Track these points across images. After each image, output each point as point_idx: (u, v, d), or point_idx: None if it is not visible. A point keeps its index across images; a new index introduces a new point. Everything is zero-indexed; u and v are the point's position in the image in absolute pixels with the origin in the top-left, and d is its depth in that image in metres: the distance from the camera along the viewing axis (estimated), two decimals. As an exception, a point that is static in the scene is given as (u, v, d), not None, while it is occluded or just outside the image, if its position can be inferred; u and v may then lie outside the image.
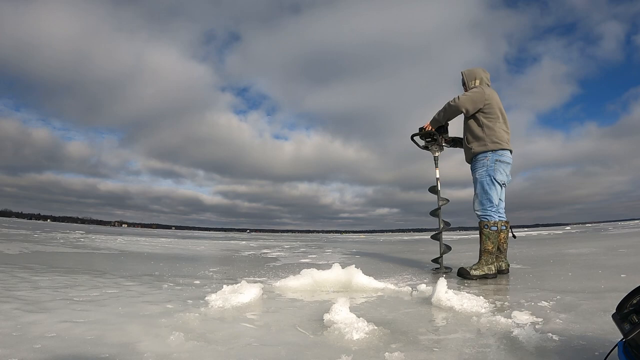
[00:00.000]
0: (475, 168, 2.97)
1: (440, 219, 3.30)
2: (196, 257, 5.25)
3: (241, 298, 1.85)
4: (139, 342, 1.20)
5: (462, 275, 2.86)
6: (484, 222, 2.92)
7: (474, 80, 3.04)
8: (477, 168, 2.96)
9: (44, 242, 6.97)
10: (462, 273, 2.87)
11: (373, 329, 1.36)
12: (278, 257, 5.42)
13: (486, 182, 2.90)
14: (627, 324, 0.90)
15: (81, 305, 1.72)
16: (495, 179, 2.89)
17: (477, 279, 2.80)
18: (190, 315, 1.56)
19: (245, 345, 1.22)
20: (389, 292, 2.27)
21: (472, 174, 3.04)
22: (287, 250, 7.50)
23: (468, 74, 3.10)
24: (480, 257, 2.88)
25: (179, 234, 28.62)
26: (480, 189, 2.93)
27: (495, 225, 2.90)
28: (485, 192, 2.90)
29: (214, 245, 9.40)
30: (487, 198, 2.90)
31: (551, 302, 1.82)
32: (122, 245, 7.43)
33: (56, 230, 15.84)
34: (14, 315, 1.49)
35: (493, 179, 2.89)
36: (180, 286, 2.37)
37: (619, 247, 5.45)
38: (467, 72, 3.11)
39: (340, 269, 2.47)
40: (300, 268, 2.65)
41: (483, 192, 2.91)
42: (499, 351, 1.16)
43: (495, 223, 2.90)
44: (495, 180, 2.89)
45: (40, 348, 1.13)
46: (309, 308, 1.79)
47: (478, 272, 2.82)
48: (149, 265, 3.80)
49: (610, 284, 2.32)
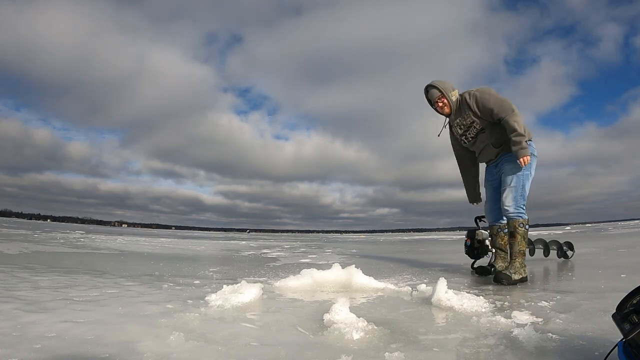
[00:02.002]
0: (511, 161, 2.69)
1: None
2: (196, 257, 5.25)
3: (241, 298, 1.85)
4: (139, 342, 1.20)
5: (500, 281, 2.54)
6: (519, 220, 2.68)
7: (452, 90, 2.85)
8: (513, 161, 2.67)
9: (44, 242, 6.97)
10: (502, 277, 2.55)
11: (373, 329, 1.36)
12: (278, 257, 5.42)
13: (526, 177, 2.68)
14: (627, 324, 0.90)
15: (81, 305, 1.72)
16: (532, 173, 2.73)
17: (517, 283, 2.56)
18: (190, 315, 1.56)
19: (245, 345, 1.22)
20: (389, 292, 2.27)
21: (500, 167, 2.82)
22: (287, 250, 7.50)
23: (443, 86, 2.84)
24: (514, 259, 2.65)
25: (179, 234, 28.63)
26: (519, 183, 2.67)
27: (528, 224, 2.72)
28: (524, 188, 2.68)
29: (214, 245, 9.40)
30: (523, 195, 2.69)
31: (551, 302, 1.82)
32: (122, 245, 7.43)
33: (56, 230, 15.84)
34: (14, 315, 1.49)
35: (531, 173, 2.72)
36: (180, 286, 2.37)
37: (619, 247, 5.45)
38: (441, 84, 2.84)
39: (340, 269, 2.47)
40: (300, 268, 2.65)
41: (522, 188, 2.68)
42: (499, 351, 1.16)
43: (528, 222, 2.72)
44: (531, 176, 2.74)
45: (40, 348, 1.13)
46: (309, 308, 1.79)
47: (518, 276, 2.58)
48: (149, 265, 3.80)
49: (610, 284, 2.32)
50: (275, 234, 53.50)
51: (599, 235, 10.99)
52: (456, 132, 2.93)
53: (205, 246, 8.54)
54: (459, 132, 2.89)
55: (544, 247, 4.26)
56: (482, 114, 2.70)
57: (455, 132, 2.94)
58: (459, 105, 2.81)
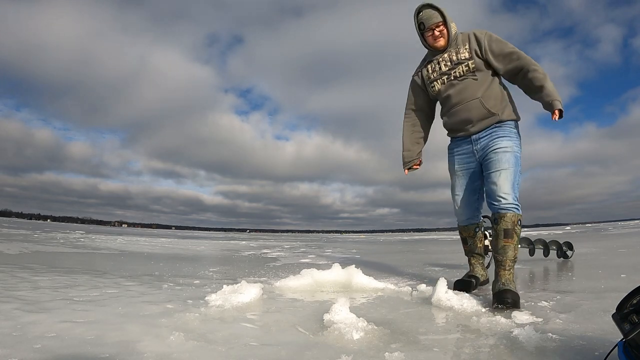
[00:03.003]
0: (505, 135, 2.03)
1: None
2: (196, 257, 5.25)
3: (241, 298, 1.85)
4: (139, 342, 1.20)
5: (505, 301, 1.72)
6: (518, 215, 1.95)
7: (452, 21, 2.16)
8: (509, 136, 2.04)
9: (44, 242, 6.97)
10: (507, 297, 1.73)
11: (373, 329, 1.36)
12: (278, 257, 5.42)
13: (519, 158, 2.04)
14: (627, 324, 0.90)
15: (81, 305, 1.72)
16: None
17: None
18: (190, 315, 1.56)
19: (245, 345, 1.21)
20: (389, 292, 2.27)
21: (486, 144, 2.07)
22: (287, 250, 7.50)
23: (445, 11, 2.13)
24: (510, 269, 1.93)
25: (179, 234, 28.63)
26: (517, 166, 2.00)
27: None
28: (519, 171, 2.01)
29: (214, 245, 9.40)
30: (519, 183, 2.01)
31: (551, 302, 1.82)
32: (122, 245, 7.43)
33: (56, 230, 15.84)
34: (14, 315, 1.49)
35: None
36: (180, 286, 2.37)
37: (619, 247, 5.45)
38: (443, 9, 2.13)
39: (340, 269, 2.47)
40: (300, 268, 2.65)
41: (518, 170, 2.00)
42: (499, 351, 1.16)
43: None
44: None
45: (40, 348, 1.12)
46: (309, 308, 1.79)
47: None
48: (149, 265, 3.80)
49: (610, 284, 2.33)
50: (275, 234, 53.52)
51: (599, 235, 11.00)
52: (433, 70, 2.17)
53: (205, 246, 8.54)
54: (440, 70, 2.14)
55: (543, 247, 4.27)
56: (493, 56, 2.03)
57: (431, 72, 2.18)
58: (455, 41, 2.12)
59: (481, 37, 2.08)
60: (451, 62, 2.12)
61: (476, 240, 2.36)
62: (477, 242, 2.36)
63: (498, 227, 1.97)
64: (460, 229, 2.39)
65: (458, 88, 2.11)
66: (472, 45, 2.09)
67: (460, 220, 2.35)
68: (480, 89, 2.07)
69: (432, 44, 2.15)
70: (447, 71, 2.14)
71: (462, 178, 2.25)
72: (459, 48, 2.12)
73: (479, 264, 2.39)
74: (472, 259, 2.40)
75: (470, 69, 2.08)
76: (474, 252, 2.38)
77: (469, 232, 2.35)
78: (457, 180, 2.27)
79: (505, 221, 1.95)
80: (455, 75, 2.11)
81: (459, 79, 2.10)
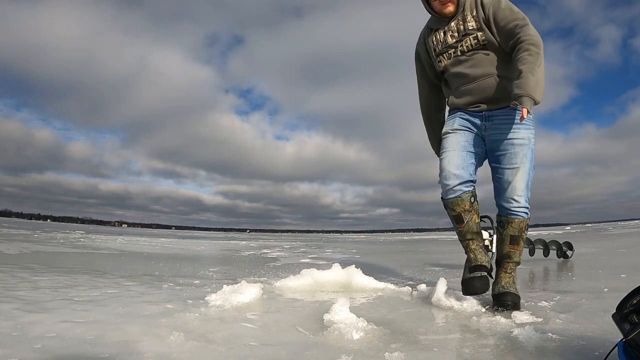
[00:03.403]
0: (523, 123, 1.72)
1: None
2: (196, 257, 5.25)
3: (241, 298, 1.85)
4: (139, 342, 1.20)
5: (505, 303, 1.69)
6: (527, 220, 1.79)
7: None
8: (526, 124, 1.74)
9: (44, 242, 6.97)
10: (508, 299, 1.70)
11: (373, 329, 1.36)
12: (278, 257, 5.42)
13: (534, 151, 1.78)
14: (627, 324, 0.90)
15: (81, 305, 1.72)
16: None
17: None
18: (190, 315, 1.56)
19: (245, 345, 1.21)
20: (389, 292, 2.27)
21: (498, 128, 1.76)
22: (287, 250, 7.50)
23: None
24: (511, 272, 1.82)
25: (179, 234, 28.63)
26: (530, 159, 1.74)
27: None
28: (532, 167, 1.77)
29: (214, 245, 9.41)
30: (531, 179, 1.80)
31: (551, 302, 1.82)
32: (122, 245, 7.43)
33: (56, 230, 15.84)
34: (14, 315, 1.49)
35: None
36: (180, 286, 2.37)
37: (619, 247, 5.45)
38: None
39: (340, 269, 2.47)
40: (300, 268, 2.65)
41: (532, 167, 1.76)
42: (499, 351, 1.16)
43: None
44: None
45: (40, 348, 1.12)
46: (309, 308, 1.79)
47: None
48: (149, 265, 3.80)
49: (610, 284, 2.32)
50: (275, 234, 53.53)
51: (599, 235, 11.01)
52: (438, 42, 1.85)
53: (205, 246, 8.54)
54: (448, 42, 1.81)
55: (543, 247, 4.27)
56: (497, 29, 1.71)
57: (436, 43, 1.86)
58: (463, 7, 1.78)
59: (487, 3, 1.72)
60: (458, 32, 1.79)
61: (473, 214, 1.80)
62: (475, 217, 1.81)
63: (505, 231, 1.80)
64: (452, 202, 1.78)
65: (468, 64, 1.77)
66: (479, 12, 1.74)
67: (450, 187, 1.76)
68: (495, 65, 1.74)
69: (440, 10, 1.79)
70: (453, 44, 1.80)
71: (461, 136, 1.82)
72: (466, 15, 1.76)
73: (480, 247, 1.83)
74: (472, 243, 1.81)
75: (480, 42, 1.74)
76: (472, 231, 1.80)
77: (464, 204, 1.77)
78: (454, 137, 1.82)
79: (513, 227, 1.78)
80: (462, 50, 1.78)
81: (467, 54, 1.77)
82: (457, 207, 1.79)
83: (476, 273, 1.74)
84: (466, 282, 1.74)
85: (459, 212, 1.79)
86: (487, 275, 1.76)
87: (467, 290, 1.73)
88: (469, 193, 1.79)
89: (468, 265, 1.82)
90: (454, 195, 1.78)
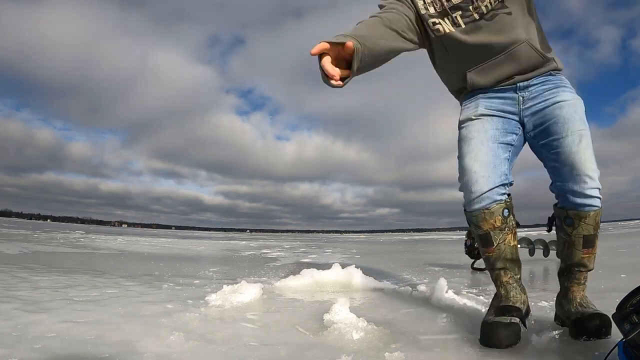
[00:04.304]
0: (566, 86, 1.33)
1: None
2: (196, 257, 5.25)
3: (241, 298, 1.85)
4: (139, 342, 1.20)
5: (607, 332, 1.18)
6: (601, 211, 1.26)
7: None
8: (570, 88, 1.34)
9: (44, 242, 6.97)
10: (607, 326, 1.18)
11: (373, 329, 1.36)
12: (278, 257, 5.42)
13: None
14: (627, 324, 0.90)
15: (81, 305, 1.72)
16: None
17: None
18: (190, 315, 1.56)
19: (245, 345, 1.21)
20: (389, 292, 2.27)
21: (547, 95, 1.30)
22: (287, 250, 7.50)
23: None
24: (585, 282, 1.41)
25: (179, 234, 28.63)
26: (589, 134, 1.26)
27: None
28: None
29: (214, 245, 9.41)
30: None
31: (551, 302, 1.82)
32: (122, 245, 7.43)
33: (56, 230, 15.85)
34: (14, 315, 1.49)
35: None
36: (180, 286, 2.37)
37: (619, 247, 5.45)
38: None
39: (340, 269, 2.47)
40: (300, 268, 2.65)
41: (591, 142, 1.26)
42: (499, 351, 1.16)
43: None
44: None
45: (40, 348, 1.12)
46: (309, 308, 1.79)
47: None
48: (149, 265, 3.80)
49: (610, 284, 2.32)
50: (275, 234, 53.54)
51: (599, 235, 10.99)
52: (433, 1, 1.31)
53: (205, 246, 8.54)
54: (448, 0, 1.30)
55: (543, 247, 4.27)
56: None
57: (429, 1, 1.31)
58: None
59: None
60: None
61: (507, 234, 1.32)
62: (509, 238, 1.33)
63: (575, 231, 1.27)
64: (477, 216, 1.30)
65: (490, 30, 1.28)
66: None
67: (476, 196, 1.27)
68: (521, 26, 1.28)
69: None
70: (461, 4, 1.28)
71: (490, 122, 1.34)
72: None
73: (516, 281, 1.36)
74: (505, 274, 1.35)
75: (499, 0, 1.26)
76: (505, 258, 1.33)
77: (493, 219, 1.29)
78: (479, 124, 1.34)
79: (588, 223, 1.25)
80: (480, 11, 1.27)
81: (486, 17, 1.27)
82: (484, 224, 1.30)
83: (504, 318, 1.22)
84: (489, 327, 1.20)
85: (486, 230, 1.31)
86: (519, 323, 1.21)
87: (489, 340, 1.18)
88: (501, 203, 1.29)
89: (495, 304, 1.33)
90: (480, 205, 1.29)
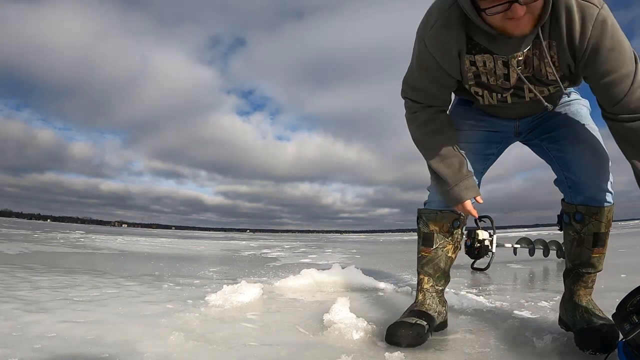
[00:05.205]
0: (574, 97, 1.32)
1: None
2: (196, 257, 5.25)
3: (241, 298, 1.84)
4: (139, 342, 1.20)
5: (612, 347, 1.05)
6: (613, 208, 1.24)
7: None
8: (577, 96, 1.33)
9: (44, 242, 6.97)
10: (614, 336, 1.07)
11: (373, 329, 1.36)
12: (278, 257, 5.42)
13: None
14: (627, 324, 0.90)
15: (81, 305, 1.72)
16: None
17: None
18: (190, 316, 1.56)
19: (245, 345, 1.21)
20: (389, 292, 2.27)
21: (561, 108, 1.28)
22: (287, 250, 7.50)
23: None
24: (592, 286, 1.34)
25: (179, 234, 28.64)
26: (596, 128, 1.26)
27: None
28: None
29: (214, 245, 9.41)
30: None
31: (551, 302, 1.82)
32: (122, 245, 7.43)
33: (56, 230, 15.85)
34: (14, 315, 1.49)
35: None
36: (180, 286, 2.37)
37: (619, 247, 5.44)
38: None
39: (340, 269, 2.47)
40: (300, 268, 2.65)
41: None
42: (499, 351, 1.16)
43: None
44: None
45: (40, 348, 1.12)
46: (309, 308, 1.79)
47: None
48: (149, 265, 3.80)
49: (610, 284, 2.32)
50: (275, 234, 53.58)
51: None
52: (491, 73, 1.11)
53: (205, 246, 8.54)
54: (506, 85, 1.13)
55: (543, 247, 4.27)
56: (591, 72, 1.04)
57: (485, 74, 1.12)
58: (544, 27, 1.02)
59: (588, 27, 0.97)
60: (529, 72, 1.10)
61: (449, 244, 1.35)
62: (449, 248, 1.35)
63: (585, 228, 1.22)
64: (429, 214, 1.35)
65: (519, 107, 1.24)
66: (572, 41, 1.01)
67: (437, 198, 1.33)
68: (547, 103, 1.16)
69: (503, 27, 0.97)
70: (513, 88, 1.14)
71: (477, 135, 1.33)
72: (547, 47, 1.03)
73: (436, 291, 1.37)
74: (427, 281, 1.36)
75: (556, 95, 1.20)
76: (437, 265, 1.35)
77: (442, 223, 1.34)
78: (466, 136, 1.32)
79: (598, 219, 1.20)
80: (530, 96, 1.15)
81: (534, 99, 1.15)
82: (432, 224, 1.34)
83: (410, 318, 1.25)
84: (392, 326, 1.23)
85: (432, 230, 1.34)
86: (424, 326, 1.22)
87: (388, 337, 1.20)
88: (456, 214, 1.33)
89: (409, 308, 1.36)
90: (436, 206, 1.34)
